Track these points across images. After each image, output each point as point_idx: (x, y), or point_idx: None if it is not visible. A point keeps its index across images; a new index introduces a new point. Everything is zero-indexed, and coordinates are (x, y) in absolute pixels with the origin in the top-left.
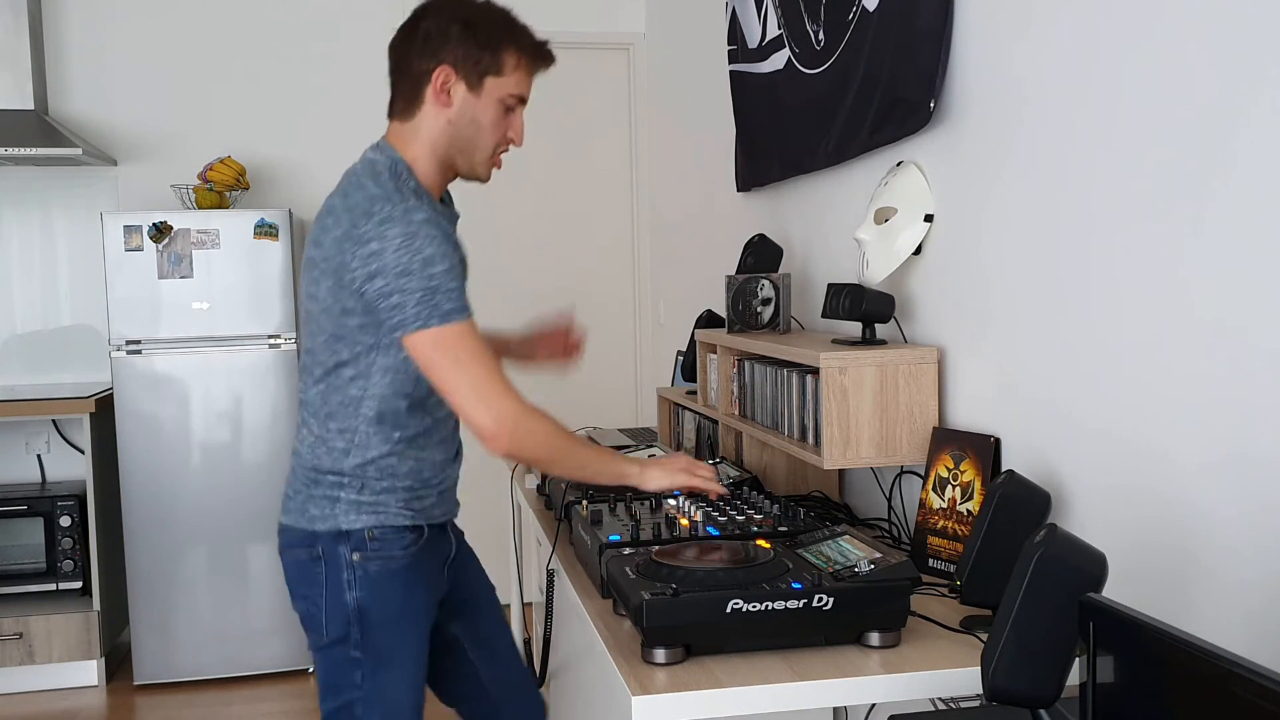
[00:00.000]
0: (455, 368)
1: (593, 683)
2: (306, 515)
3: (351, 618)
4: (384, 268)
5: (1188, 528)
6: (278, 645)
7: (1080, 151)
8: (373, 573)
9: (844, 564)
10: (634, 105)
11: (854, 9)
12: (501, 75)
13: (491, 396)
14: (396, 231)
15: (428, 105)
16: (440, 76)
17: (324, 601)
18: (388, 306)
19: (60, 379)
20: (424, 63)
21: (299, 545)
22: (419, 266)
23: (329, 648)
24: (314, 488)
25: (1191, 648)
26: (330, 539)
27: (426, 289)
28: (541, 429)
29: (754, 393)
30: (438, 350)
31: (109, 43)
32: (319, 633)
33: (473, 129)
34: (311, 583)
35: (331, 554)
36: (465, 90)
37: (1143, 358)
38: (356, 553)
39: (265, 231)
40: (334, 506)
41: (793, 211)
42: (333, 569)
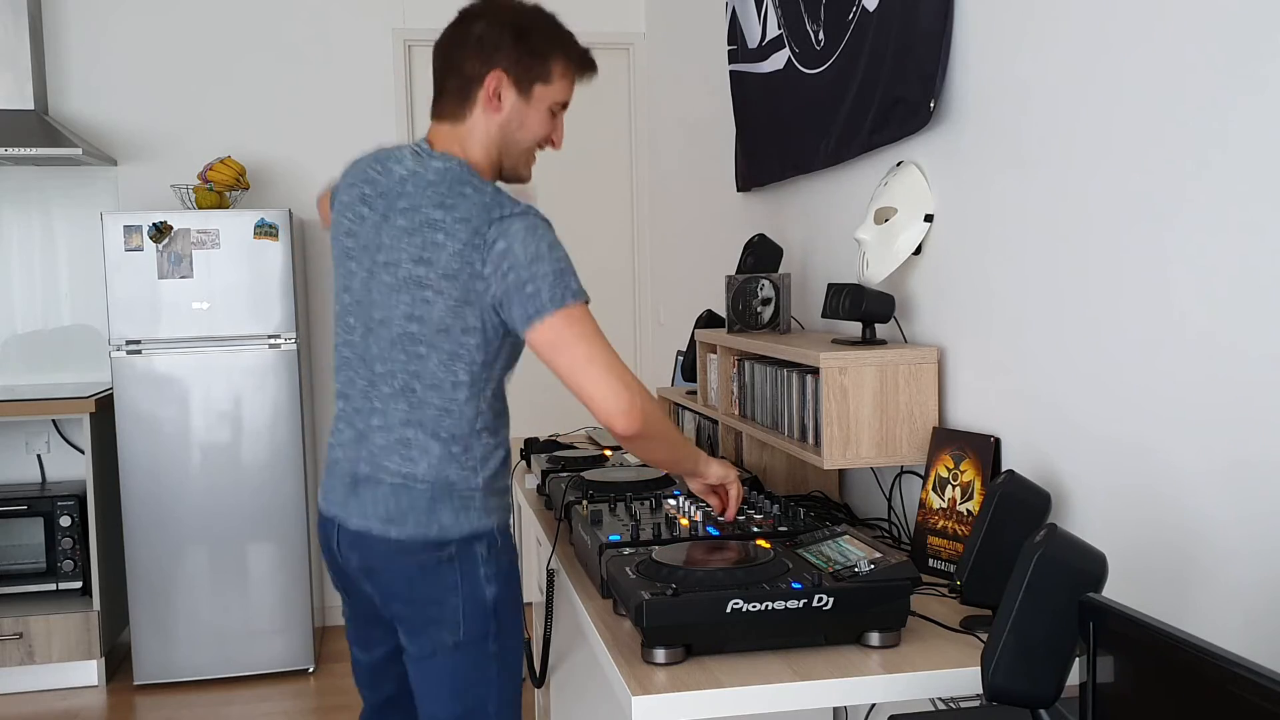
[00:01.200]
0: (588, 345)
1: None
2: (436, 526)
3: (489, 613)
4: (516, 262)
5: (1188, 528)
6: (278, 645)
7: (1080, 151)
8: (504, 566)
9: (844, 564)
10: (634, 105)
11: (854, 9)
12: (550, 83)
13: (625, 375)
14: (518, 226)
15: (479, 108)
16: (493, 83)
17: (461, 600)
18: (523, 297)
19: (60, 379)
20: (477, 67)
21: (422, 551)
22: (546, 250)
23: (465, 648)
24: (443, 501)
25: (1191, 648)
26: (464, 541)
27: (557, 270)
28: (658, 411)
29: (754, 393)
30: (572, 328)
31: (109, 43)
32: (451, 631)
33: (523, 134)
34: (440, 585)
35: (467, 554)
36: (516, 96)
37: (1143, 357)
38: (489, 549)
39: (265, 231)
40: (467, 514)
41: (793, 211)
42: (468, 567)
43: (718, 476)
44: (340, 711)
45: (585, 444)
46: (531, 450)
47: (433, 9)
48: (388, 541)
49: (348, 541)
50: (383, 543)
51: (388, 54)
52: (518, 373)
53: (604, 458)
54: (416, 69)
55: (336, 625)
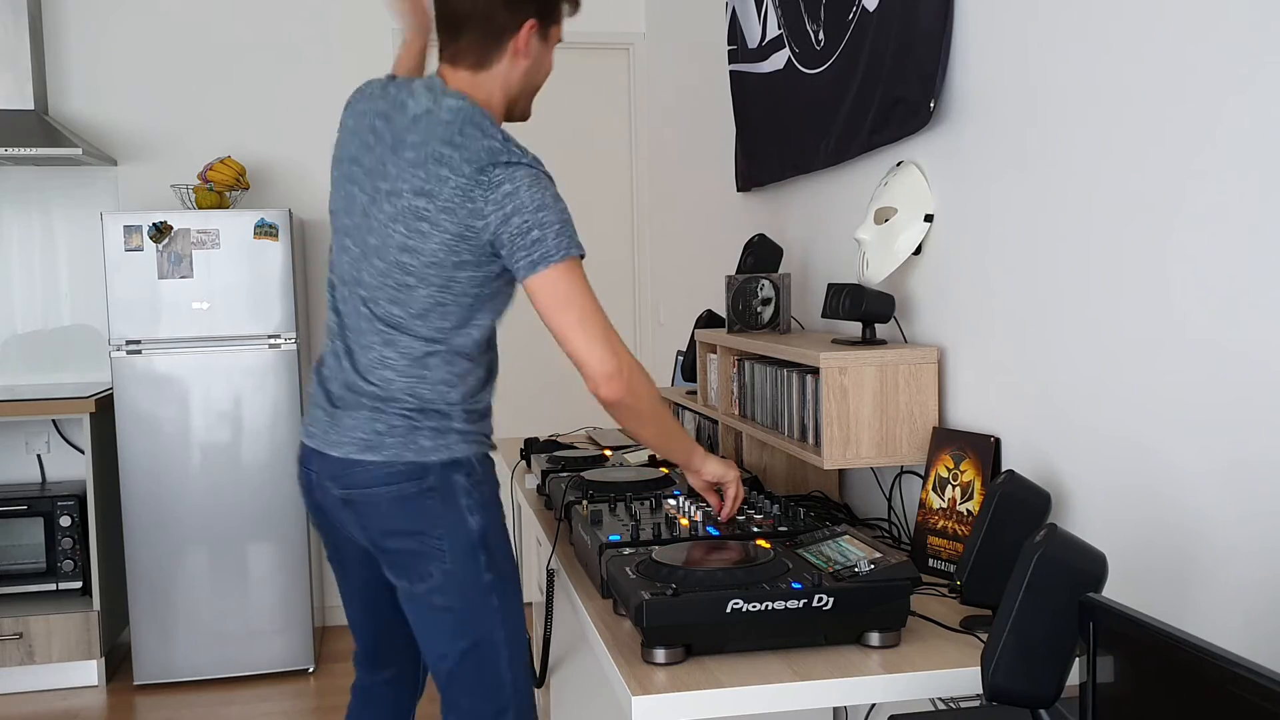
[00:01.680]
0: (583, 304)
1: (593, 683)
2: (414, 447)
3: (478, 542)
4: (521, 206)
5: (1188, 528)
6: (278, 645)
7: (1081, 150)
8: (486, 496)
9: (844, 564)
10: (634, 105)
11: (854, 9)
12: (559, 23)
13: (615, 340)
14: (524, 173)
15: (506, 57)
16: (528, 31)
17: (445, 532)
18: (528, 242)
19: (60, 379)
20: (510, 17)
21: (403, 480)
22: (551, 200)
23: (459, 579)
24: (419, 420)
25: (1191, 648)
26: (443, 468)
27: (562, 221)
28: (648, 382)
29: (754, 393)
30: (572, 282)
31: (109, 43)
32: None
33: (540, 75)
34: (423, 516)
35: (447, 483)
36: (539, 41)
37: (1143, 357)
38: (469, 477)
39: (265, 231)
40: (445, 437)
41: (793, 211)
42: (450, 497)
43: (713, 474)
44: (340, 711)
45: (585, 444)
46: (531, 450)
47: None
48: (366, 467)
49: (328, 472)
50: (361, 469)
51: (388, 54)
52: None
53: (604, 458)
54: None
55: (336, 625)
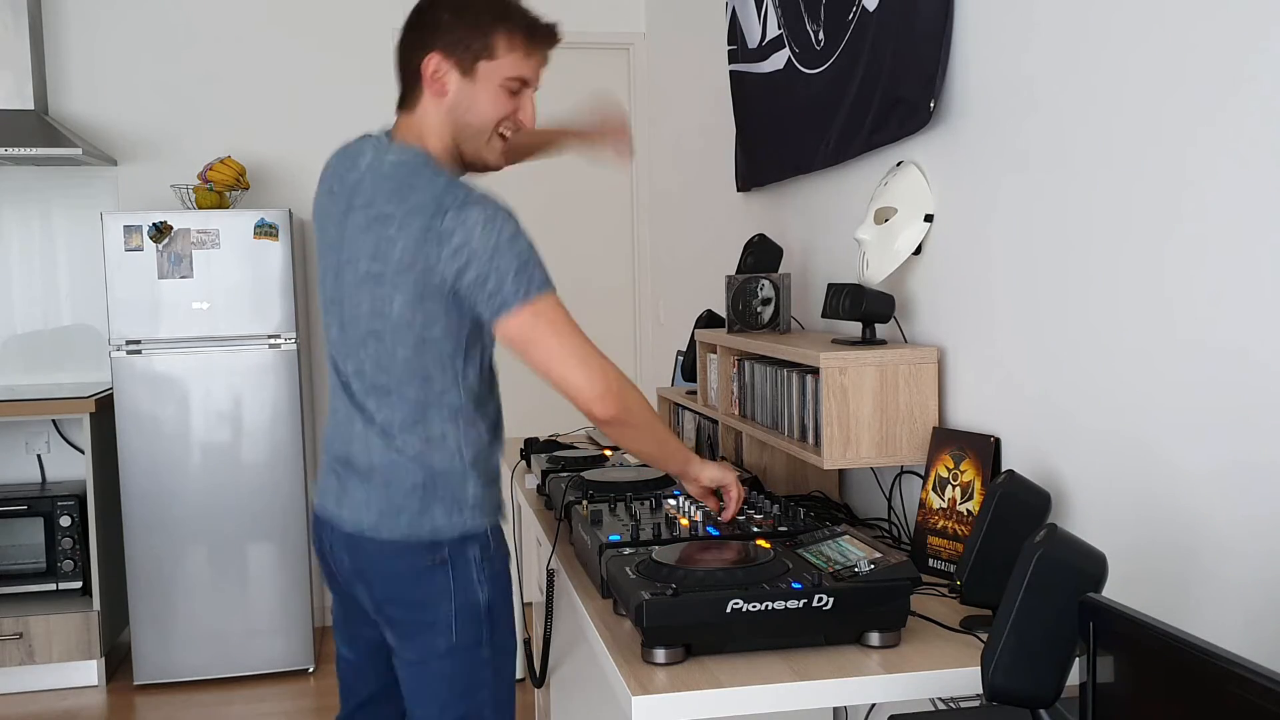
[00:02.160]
0: (558, 338)
1: (593, 683)
2: (429, 526)
3: (482, 617)
4: (474, 255)
5: (1188, 528)
6: (278, 645)
7: (1080, 151)
8: (498, 569)
9: (844, 564)
10: (634, 105)
11: (854, 9)
12: (495, 58)
13: (596, 360)
14: (475, 215)
15: (425, 96)
16: (430, 65)
17: (453, 604)
18: (485, 294)
19: (60, 379)
20: (415, 54)
21: (414, 554)
22: (506, 243)
23: (458, 653)
24: (431, 494)
25: (1191, 648)
26: (456, 543)
27: (519, 263)
28: (639, 398)
29: (754, 393)
30: (539, 321)
31: (109, 43)
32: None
33: (473, 115)
34: (431, 588)
35: (459, 557)
36: (459, 77)
37: (1143, 357)
38: (483, 551)
39: (265, 231)
40: (461, 513)
41: (793, 211)
42: (461, 571)
43: (711, 480)
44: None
45: (585, 444)
46: (531, 450)
47: None
48: (379, 543)
49: (340, 543)
50: (374, 544)
51: (388, 54)
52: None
53: (604, 458)
54: None
55: None
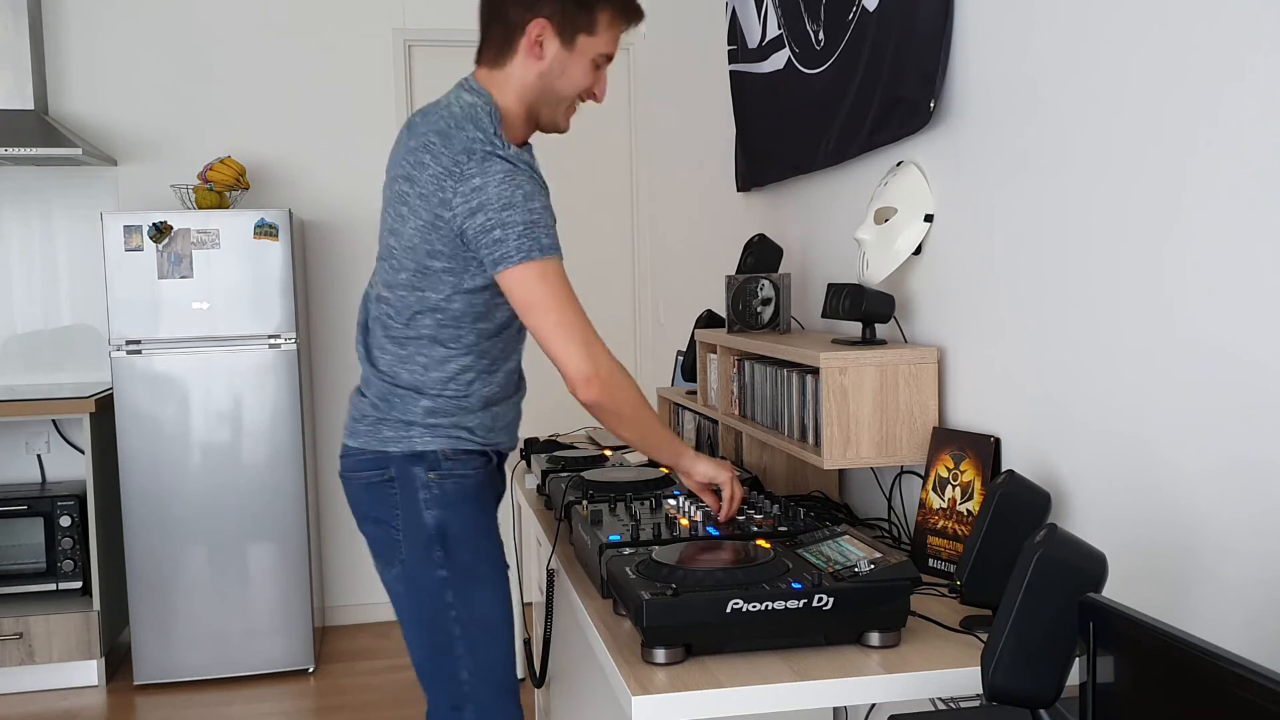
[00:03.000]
0: (556, 306)
1: (593, 683)
2: (379, 437)
3: (433, 537)
4: (486, 202)
5: (1188, 527)
6: (278, 645)
7: (1080, 151)
8: (449, 491)
9: (844, 564)
10: (634, 105)
11: (854, 9)
12: (594, 34)
13: (590, 342)
14: (499, 168)
15: (520, 56)
16: (535, 30)
17: (401, 523)
18: (489, 241)
19: (60, 379)
20: (520, 14)
21: (368, 468)
22: (521, 200)
23: (413, 572)
24: (389, 408)
25: (1191, 648)
26: (402, 460)
27: (529, 222)
28: (628, 385)
29: (754, 393)
30: (542, 283)
31: (109, 43)
32: (396, 553)
33: (563, 83)
34: (383, 505)
35: (405, 475)
36: (559, 46)
37: (1143, 357)
38: (431, 471)
39: (265, 231)
40: (408, 429)
41: (793, 211)
42: (408, 490)
43: (704, 475)
44: (340, 711)
45: (585, 444)
46: (531, 450)
47: (433, 9)
48: (347, 451)
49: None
50: (345, 453)
51: (388, 54)
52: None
53: (604, 458)
54: (416, 69)
55: (336, 625)
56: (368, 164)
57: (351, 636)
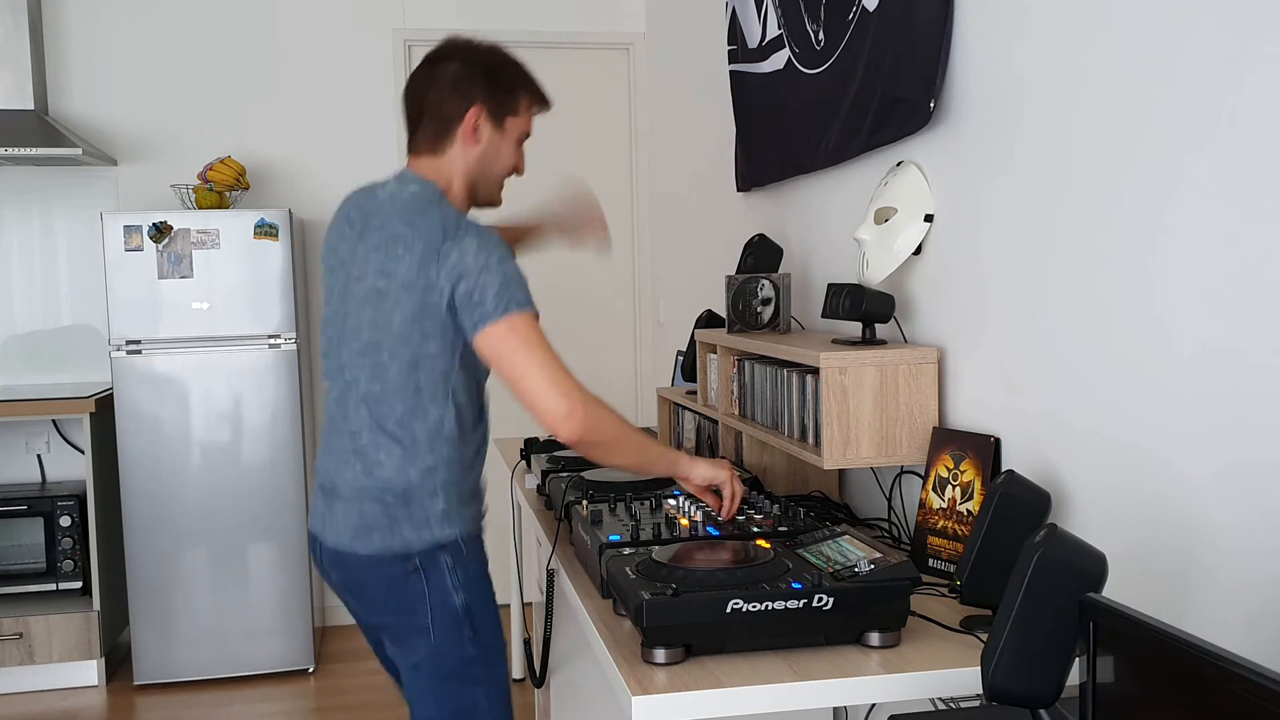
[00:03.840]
0: (528, 353)
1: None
2: (400, 538)
3: (463, 618)
4: (466, 270)
5: (1188, 527)
6: (278, 645)
7: (1080, 151)
8: (472, 574)
9: (844, 564)
10: (634, 105)
11: (854, 9)
12: (518, 115)
13: (565, 381)
14: (471, 239)
15: (458, 142)
16: (473, 117)
17: (429, 607)
18: (470, 306)
19: (60, 379)
20: (457, 105)
21: (390, 565)
22: (495, 262)
23: (443, 652)
24: (404, 508)
25: (1191, 648)
26: (429, 553)
27: (503, 281)
28: (608, 415)
29: (754, 393)
30: (513, 335)
31: (109, 43)
32: (423, 638)
33: (498, 163)
34: (408, 596)
35: (432, 564)
36: (491, 129)
37: (1143, 357)
38: (454, 557)
39: (265, 231)
40: (428, 524)
41: (793, 211)
42: (435, 577)
43: (703, 478)
44: (340, 711)
45: None
46: (531, 450)
47: (433, 9)
48: (357, 557)
49: (328, 559)
50: (353, 559)
51: (388, 54)
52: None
53: None
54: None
55: (336, 625)
56: (368, 164)
57: (351, 636)
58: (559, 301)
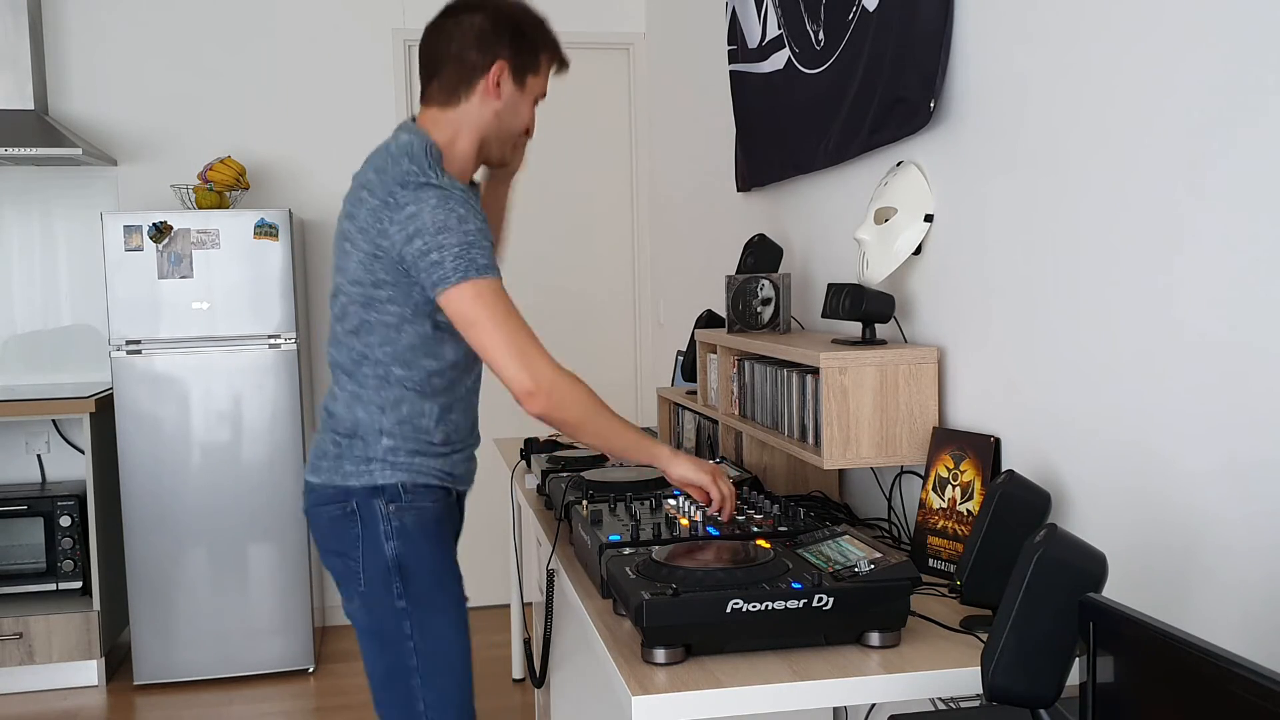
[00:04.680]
0: (493, 323)
1: (593, 683)
2: (340, 472)
3: (391, 568)
4: (422, 228)
5: (1188, 527)
6: (278, 645)
7: (1080, 151)
8: (408, 524)
9: (844, 564)
10: (634, 105)
11: (854, 9)
12: (538, 75)
13: (530, 355)
14: (432, 194)
15: (477, 96)
16: (497, 71)
17: (360, 554)
18: (427, 264)
19: (60, 379)
20: (481, 56)
21: (330, 502)
22: (455, 223)
23: (371, 603)
24: (350, 446)
25: (1191, 648)
26: (364, 494)
27: (463, 244)
28: (576, 392)
29: (754, 393)
30: (478, 302)
31: (109, 43)
32: (356, 584)
33: (514, 120)
34: (346, 538)
35: (367, 508)
36: (513, 85)
37: (1143, 357)
38: (391, 504)
39: (265, 231)
40: (369, 465)
41: (793, 211)
42: (369, 523)
43: (680, 478)
44: (340, 711)
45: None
46: (531, 450)
47: (433, 9)
48: (310, 488)
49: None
50: (308, 489)
51: (388, 54)
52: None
53: (604, 458)
54: (416, 69)
55: (336, 625)
56: None
57: (351, 636)
58: (559, 301)
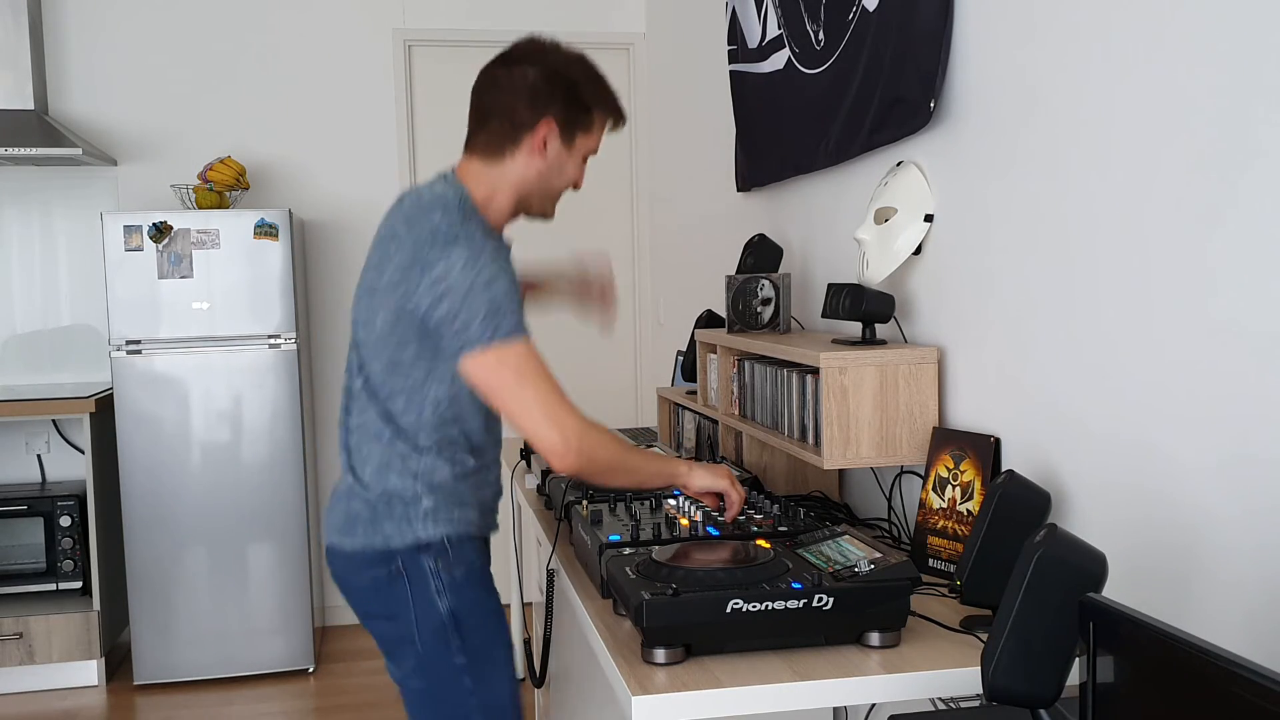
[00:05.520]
0: (520, 387)
1: (593, 683)
2: (380, 534)
3: (448, 624)
4: (450, 289)
5: (1188, 527)
6: (278, 645)
7: (1080, 150)
8: (459, 578)
9: (844, 564)
10: (634, 105)
11: (854, 9)
12: (589, 133)
13: (558, 415)
14: (460, 253)
15: (523, 152)
16: (544, 129)
17: (414, 615)
18: (453, 330)
19: (60, 379)
20: (530, 114)
21: (372, 565)
22: (482, 286)
23: (429, 663)
24: (387, 508)
25: (1191, 648)
26: (409, 552)
27: (490, 308)
28: (604, 442)
29: (754, 393)
30: (503, 368)
31: (109, 43)
32: (410, 646)
33: (559, 179)
34: (394, 600)
35: (414, 566)
36: (560, 144)
37: (1143, 357)
38: (439, 559)
39: (265, 231)
40: (410, 524)
41: (793, 211)
42: (418, 581)
43: (701, 488)
44: (340, 711)
45: None
46: (531, 450)
47: (433, 9)
48: (343, 554)
49: (327, 556)
50: (340, 555)
51: (388, 54)
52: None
53: None
54: (416, 69)
55: (336, 625)
56: (368, 164)
57: (351, 636)
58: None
